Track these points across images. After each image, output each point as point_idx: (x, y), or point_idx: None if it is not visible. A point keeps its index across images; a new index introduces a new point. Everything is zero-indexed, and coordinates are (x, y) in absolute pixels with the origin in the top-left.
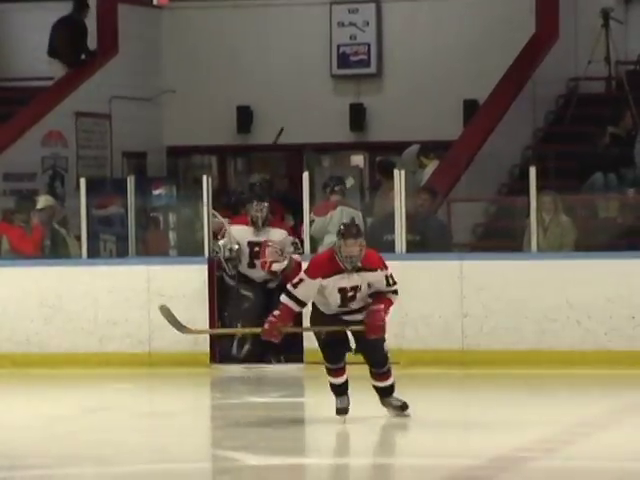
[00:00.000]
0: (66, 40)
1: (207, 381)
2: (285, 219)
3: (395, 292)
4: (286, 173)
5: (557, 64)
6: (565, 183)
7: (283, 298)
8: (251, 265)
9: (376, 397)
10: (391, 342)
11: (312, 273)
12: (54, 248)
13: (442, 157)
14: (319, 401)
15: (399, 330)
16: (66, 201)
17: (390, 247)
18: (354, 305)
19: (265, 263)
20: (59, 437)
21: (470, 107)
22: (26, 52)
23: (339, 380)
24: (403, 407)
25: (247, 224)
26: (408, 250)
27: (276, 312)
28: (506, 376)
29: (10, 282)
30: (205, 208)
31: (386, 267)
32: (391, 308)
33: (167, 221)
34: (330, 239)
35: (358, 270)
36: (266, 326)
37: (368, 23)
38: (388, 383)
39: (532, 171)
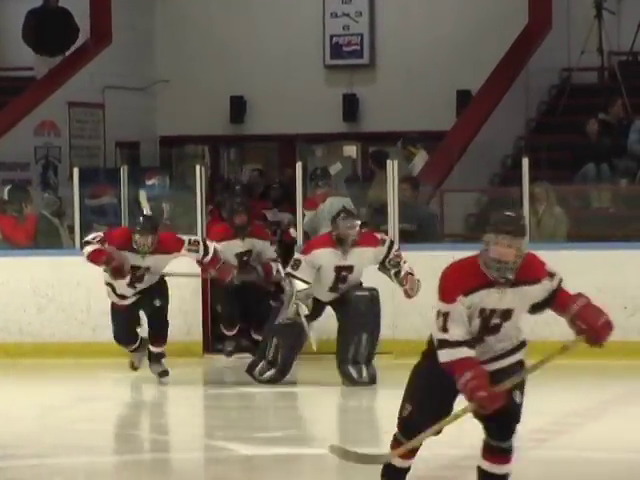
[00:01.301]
0: (34, 32)
1: (200, 371)
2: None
3: None
4: (279, 163)
5: (550, 55)
6: (558, 174)
7: (447, 355)
8: (333, 289)
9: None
10: (384, 333)
11: (448, 295)
12: (46, 238)
13: (435, 147)
14: (311, 391)
15: (391, 321)
16: (59, 191)
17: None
18: (494, 342)
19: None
20: (52, 427)
21: (463, 97)
22: (18, 42)
23: (405, 463)
24: None
25: (330, 244)
26: (402, 239)
27: (468, 374)
28: None
29: (3, 272)
30: (198, 198)
31: (551, 275)
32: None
33: (160, 211)
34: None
35: (513, 285)
36: (480, 394)
37: (361, 13)
38: (505, 470)
39: (525, 161)
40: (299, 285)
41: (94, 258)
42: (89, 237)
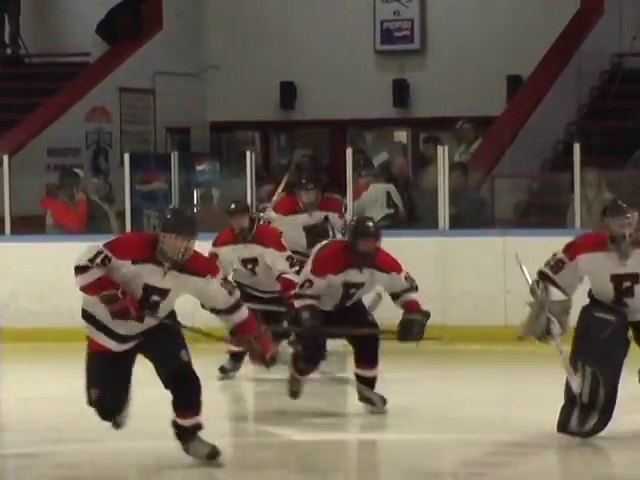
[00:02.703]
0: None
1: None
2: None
3: None
4: (329, 149)
5: (601, 40)
6: (609, 159)
7: None
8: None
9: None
10: (434, 318)
11: None
12: (96, 223)
13: (485, 133)
14: None
15: (442, 306)
16: (110, 176)
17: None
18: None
19: None
20: None
21: (514, 83)
22: (71, 27)
23: None
24: None
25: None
26: (451, 225)
27: None
28: (549, 352)
29: (54, 257)
30: (248, 184)
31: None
32: None
33: (210, 197)
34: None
35: None
36: None
37: None
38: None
39: (576, 147)
40: (555, 294)
41: (90, 291)
42: (86, 256)
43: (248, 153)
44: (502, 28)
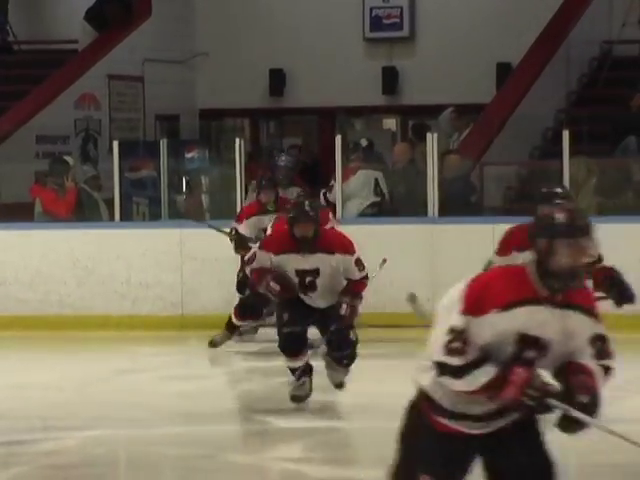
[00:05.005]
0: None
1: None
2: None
3: None
4: (318, 136)
5: (591, 27)
6: (598, 147)
7: None
8: None
9: None
10: (423, 305)
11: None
12: (85, 211)
13: (474, 120)
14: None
15: (431, 293)
16: (99, 164)
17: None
18: None
19: None
20: (92, 399)
21: (503, 70)
22: (60, 15)
23: None
24: None
25: None
26: (442, 213)
27: None
28: None
29: (44, 245)
30: (238, 171)
31: None
32: None
33: (200, 184)
34: (352, 204)
35: None
36: None
37: None
38: None
39: (565, 135)
40: None
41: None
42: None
43: (237, 140)
44: (491, 15)
